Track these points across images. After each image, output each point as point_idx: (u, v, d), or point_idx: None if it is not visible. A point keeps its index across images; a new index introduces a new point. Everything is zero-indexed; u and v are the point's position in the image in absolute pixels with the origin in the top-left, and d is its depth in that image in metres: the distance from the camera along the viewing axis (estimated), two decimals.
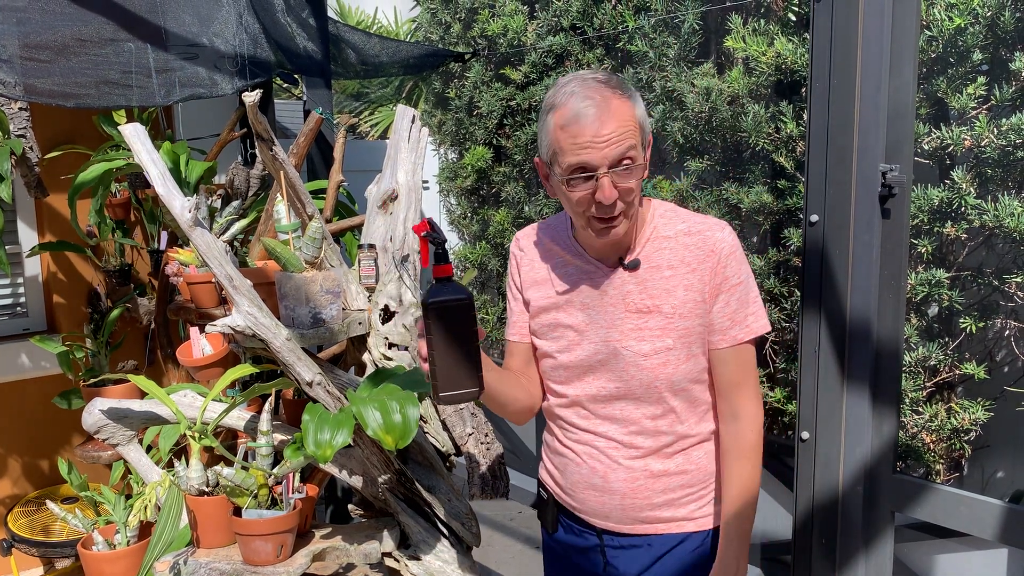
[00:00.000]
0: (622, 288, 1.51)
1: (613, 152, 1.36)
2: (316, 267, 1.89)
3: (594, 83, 1.39)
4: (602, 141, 1.36)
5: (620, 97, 1.39)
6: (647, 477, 1.54)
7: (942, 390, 2.51)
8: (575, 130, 1.37)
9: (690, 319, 1.49)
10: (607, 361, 1.52)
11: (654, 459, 1.55)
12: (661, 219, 1.53)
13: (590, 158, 1.37)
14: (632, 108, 1.40)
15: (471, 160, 4.02)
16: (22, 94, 2.31)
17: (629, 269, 1.50)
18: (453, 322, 1.28)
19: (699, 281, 1.48)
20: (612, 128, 1.36)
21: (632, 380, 1.51)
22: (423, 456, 1.97)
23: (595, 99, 1.37)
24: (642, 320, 1.49)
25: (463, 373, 1.30)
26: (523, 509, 3.98)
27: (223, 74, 2.66)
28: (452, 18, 4.14)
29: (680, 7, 3.01)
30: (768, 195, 2.79)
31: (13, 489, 3.24)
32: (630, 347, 1.50)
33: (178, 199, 1.67)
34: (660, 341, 1.49)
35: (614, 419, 1.55)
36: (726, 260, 1.48)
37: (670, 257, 1.50)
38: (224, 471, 1.76)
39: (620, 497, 1.56)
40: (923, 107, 2.39)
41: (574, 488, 1.62)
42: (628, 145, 1.37)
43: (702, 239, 1.49)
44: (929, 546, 2.54)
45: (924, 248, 2.37)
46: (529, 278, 1.62)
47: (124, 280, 3.23)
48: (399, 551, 1.89)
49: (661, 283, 1.49)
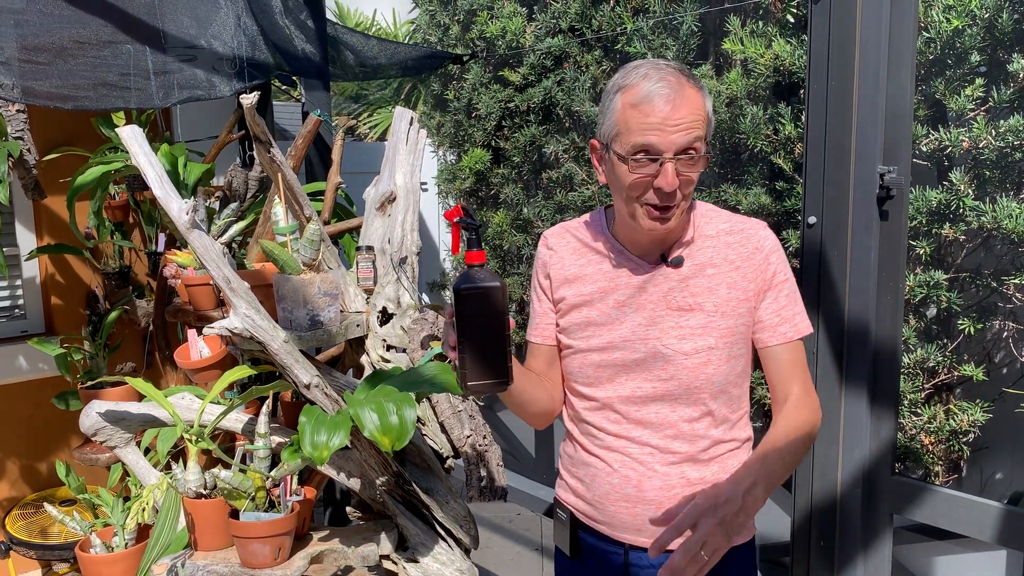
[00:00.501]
0: (663, 285, 1.47)
1: (682, 139, 1.33)
2: (314, 269, 1.89)
3: (668, 68, 1.36)
4: (672, 125, 1.33)
5: (693, 86, 1.36)
6: (684, 485, 1.47)
7: (941, 392, 2.51)
8: (647, 109, 1.33)
9: (732, 318, 1.45)
10: (644, 361, 1.47)
11: (690, 466, 1.48)
12: (703, 218, 1.50)
13: (658, 140, 1.33)
14: (703, 99, 1.37)
15: (470, 162, 4.02)
16: (20, 96, 2.30)
17: (673, 266, 1.46)
18: (484, 310, 1.24)
19: (743, 279, 1.45)
20: (684, 114, 1.33)
21: (671, 380, 1.46)
22: (421, 458, 1.97)
23: (670, 82, 1.34)
24: (683, 318, 1.45)
25: (492, 363, 1.26)
26: (521, 511, 3.98)
27: (221, 76, 2.66)
28: (451, 20, 4.14)
29: (678, 9, 3.01)
30: (766, 197, 2.79)
31: (11, 491, 3.23)
32: (670, 345, 1.45)
33: (175, 201, 1.67)
34: (702, 340, 1.44)
35: (649, 423, 1.49)
36: (770, 256, 1.46)
37: (713, 255, 1.47)
38: (222, 473, 1.76)
39: (655, 507, 1.47)
40: (921, 109, 2.39)
41: (603, 501, 1.53)
42: (695, 135, 1.34)
43: (745, 237, 1.47)
44: (927, 548, 2.54)
45: (923, 249, 2.37)
46: (560, 276, 1.57)
47: (122, 282, 3.23)
48: (397, 553, 1.89)
49: (704, 281, 1.46)
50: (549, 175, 3.70)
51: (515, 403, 1.52)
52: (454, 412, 1.98)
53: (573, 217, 3.66)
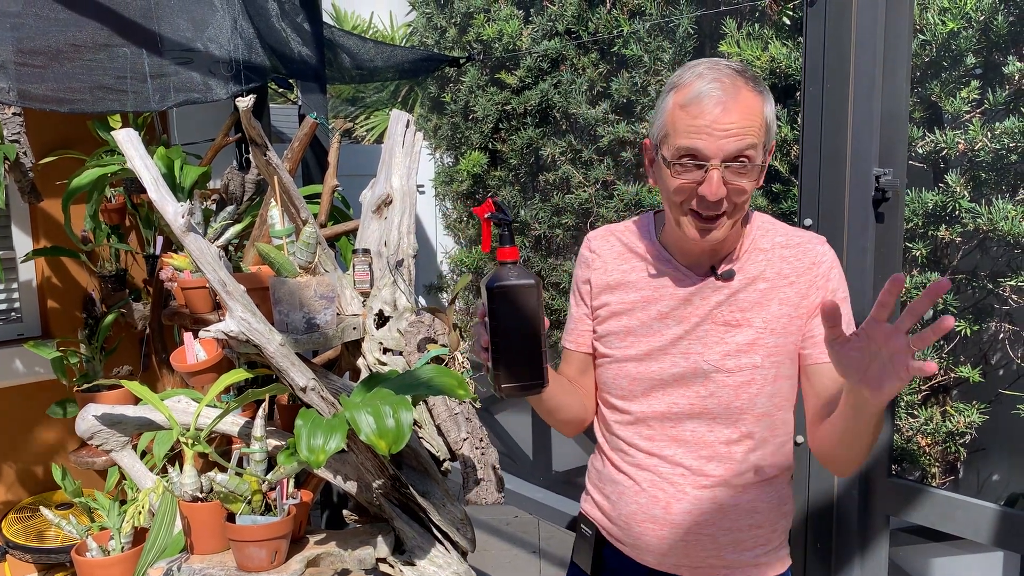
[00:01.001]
0: (711, 298, 1.38)
1: (731, 145, 1.25)
2: (310, 272, 1.89)
3: (727, 69, 1.28)
4: (721, 129, 1.24)
5: (751, 89, 1.27)
6: (714, 510, 1.39)
7: (937, 393, 2.51)
8: (695, 111, 1.25)
9: (782, 336, 1.37)
10: (684, 376, 1.39)
11: (724, 491, 1.39)
12: (759, 230, 1.42)
13: (704, 145, 1.25)
14: (762, 104, 1.28)
15: (467, 164, 4.02)
16: (16, 99, 2.30)
17: (723, 279, 1.38)
18: (520, 308, 1.18)
19: (796, 295, 1.37)
20: (735, 119, 1.24)
21: (711, 398, 1.38)
22: (418, 461, 1.97)
23: (724, 83, 1.26)
24: (729, 334, 1.37)
25: (527, 364, 1.20)
26: (519, 514, 3.98)
27: (218, 79, 2.66)
28: (447, 22, 4.15)
29: (675, 11, 3.02)
30: (763, 199, 2.79)
31: (7, 495, 3.23)
32: (712, 362, 1.37)
33: (171, 204, 1.67)
34: (747, 358, 1.36)
35: (683, 441, 1.40)
36: (828, 273, 1.38)
37: (766, 269, 1.38)
38: (218, 477, 1.75)
39: (683, 532, 1.40)
40: (917, 111, 2.40)
41: (629, 521, 1.46)
42: (748, 143, 1.25)
43: (802, 251, 1.39)
44: (924, 550, 2.54)
45: (919, 251, 2.38)
46: (602, 282, 1.49)
47: (119, 285, 3.23)
48: (394, 557, 1.89)
49: (755, 296, 1.37)
50: (546, 177, 3.70)
51: (545, 409, 1.47)
52: (451, 415, 1.97)
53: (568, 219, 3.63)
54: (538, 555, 3.61)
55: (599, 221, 3.45)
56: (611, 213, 3.31)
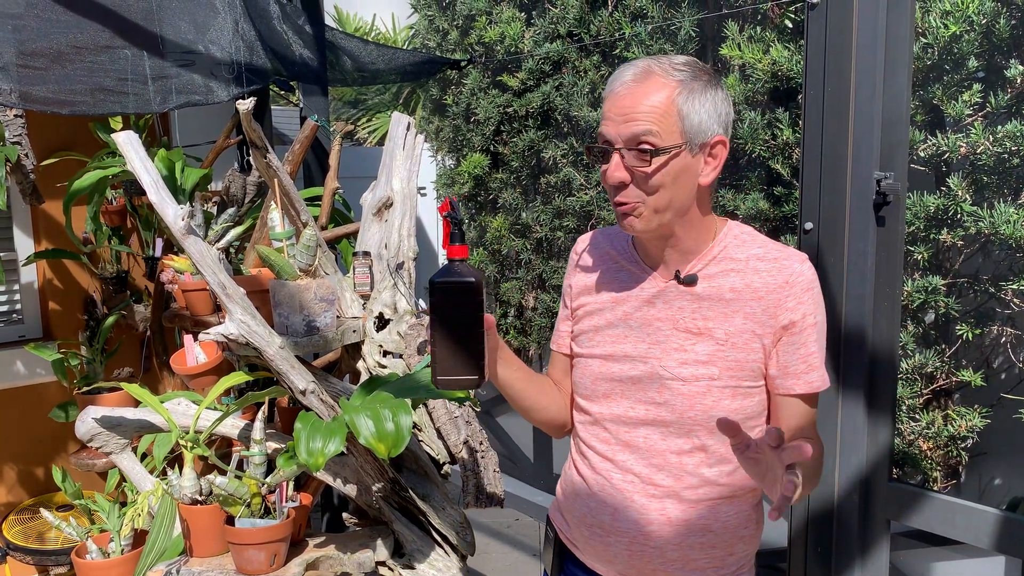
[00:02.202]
0: (674, 303, 1.37)
1: (627, 129, 1.26)
2: (310, 275, 1.89)
3: (652, 60, 1.30)
4: (619, 114, 1.27)
5: (662, 76, 1.27)
6: (663, 523, 1.37)
7: (939, 397, 2.51)
8: (607, 98, 1.31)
9: (743, 351, 1.33)
10: (640, 380, 1.38)
11: (674, 503, 1.37)
12: (734, 240, 1.39)
13: (606, 129, 1.29)
14: (670, 91, 1.26)
15: (468, 167, 4.02)
16: (18, 101, 2.31)
17: (685, 284, 1.36)
18: (457, 304, 1.22)
19: (763, 312, 1.32)
20: (631, 104, 1.26)
21: (665, 406, 1.36)
22: (417, 464, 1.97)
23: (637, 70, 1.28)
24: (689, 341, 1.35)
25: (463, 359, 1.23)
26: (520, 517, 3.97)
27: (219, 81, 2.66)
28: (449, 25, 4.15)
29: (677, 14, 3.02)
30: (764, 202, 2.79)
31: (8, 497, 3.23)
32: (669, 368, 1.35)
33: (171, 207, 1.67)
34: (704, 368, 1.33)
35: (635, 448, 1.39)
36: (801, 294, 1.32)
37: (735, 280, 1.35)
38: (217, 480, 1.75)
39: (628, 540, 1.38)
40: (919, 114, 2.39)
41: (579, 525, 1.47)
42: (644, 128, 1.25)
43: (778, 267, 1.34)
44: (925, 554, 2.53)
45: (920, 255, 2.37)
46: (580, 283, 1.51)
47: (120, 287, 3.23)
48: (393, 560, 1.89)
49: (720, 306, 1.34)
50: (548, 180, 3.70)
51: (520, 407, 1.48)
52: (451, 418, 1.97)
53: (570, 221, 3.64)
54: (539, 558, 3.60)
55: (600, 224, 3.45)
56: (612, 216, 3.30)
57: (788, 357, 1.33)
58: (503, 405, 4.14)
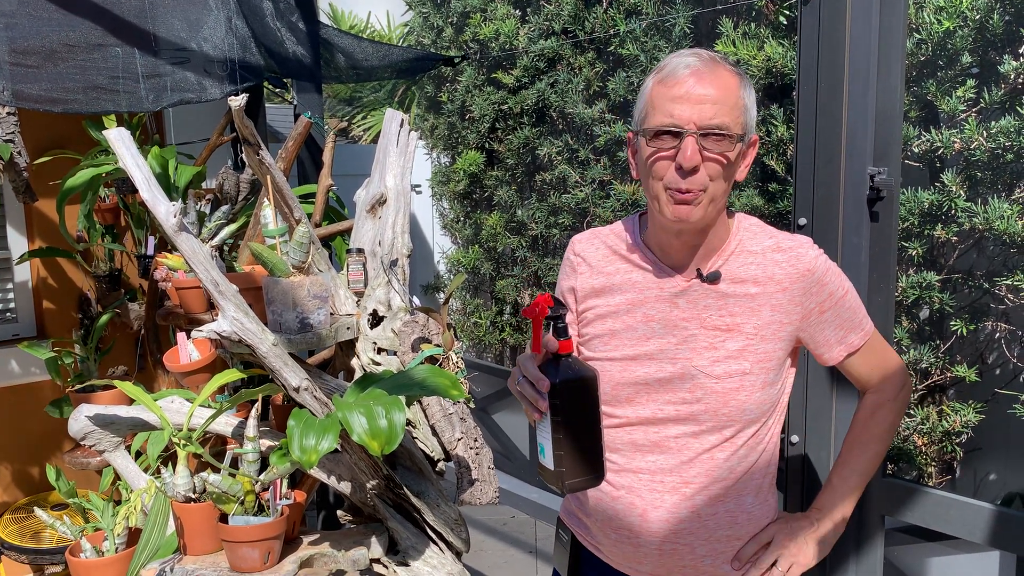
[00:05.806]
0: (699, 302, 1.36)
1: (707, 112, 1.24)
2: (303, 272, 1.89)
3: (707, 54, 1.29)
4: (696, 98, 1.25)
5: (728, 69, 1.28)
6: (692, 519, 1.37)
7: (933, 393, 2.51)
8: (671, 82, 1.26)
9: (772, 342, 1.35)
10: (671, 380, 1.36)
11: (703, 499, 1.37)
12: (747, 232, 1.40)
13: (680, 112, 1.25)
14: (739, 85, 1.29)
15: (463, 164, 4.02)
16: (10, 99, 2.30)
17: (708, 281, 1.35)
18: (580, 401, 1.17)
19: (789, 302, 1.35)
20: (710, 91, 1.25)
21: (697, 404, 1.35)
22: (412, 461, 1.96)
23: (702, 58, 1.27)
24: (719, 339, 1.35)
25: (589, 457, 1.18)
26: (515, 514, 3.97)
27: (212, 79, 2.65)
28: (444, 22, 4.14)
29: (671, 11, 3.01)
30: (759, 198, 2.79)
31: (2, 496, 3.22)
32: (701, 367, 1.34)
33: (163, 204, 1.66)
34: (736, 364, 1.34)
35: (665, 448, 1.38)
36: (823, 278, 1.37)
37: (757, 273, 1.36)
38: (211, 477, 1.75)
39: (660, 540, 1.38)
40: (913, 110, 2.40)
41: (605, 528, 1.44)
42: (723, 119, 1.25)
43: (795, 256, 1.36)
44: (920, 549, 2.53)
45: (915, 251, 2.37)
46: (588, 286, 1.47)
47: (114, 285, 3.22)
48: (388, 557, 1.88)
49: (745, 300, 1.35)
50: (543, 177, 3.70)
51: None
52: (445, 415, 1.97)
53: (565, 219, 3.64)
54: (535, 555, 3.60)
55: (596, 221, 3.45)
56: (608, 213, 3.30)
57: (827, 331, 1.40)
58: (498, 402, 4.14)
